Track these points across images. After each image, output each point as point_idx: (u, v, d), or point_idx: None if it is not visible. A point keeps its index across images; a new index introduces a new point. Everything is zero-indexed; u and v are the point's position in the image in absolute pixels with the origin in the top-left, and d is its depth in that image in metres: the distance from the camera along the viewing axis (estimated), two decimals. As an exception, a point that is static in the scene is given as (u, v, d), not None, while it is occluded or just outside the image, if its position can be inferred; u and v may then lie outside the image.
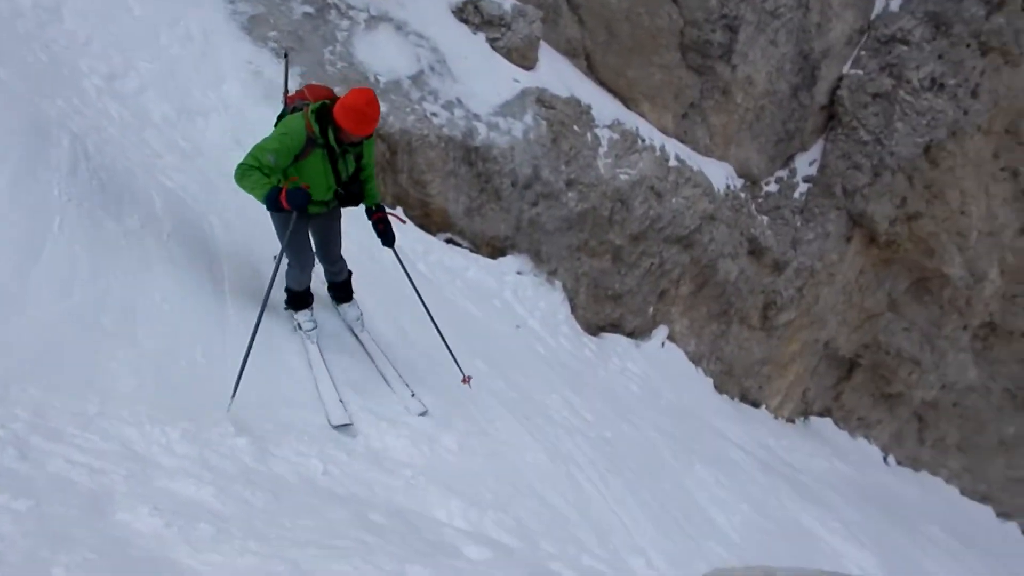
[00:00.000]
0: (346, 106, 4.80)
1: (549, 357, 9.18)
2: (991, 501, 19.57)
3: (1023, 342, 17.51)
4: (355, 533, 3.99)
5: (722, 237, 12.29)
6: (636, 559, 6.02)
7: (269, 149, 4.83)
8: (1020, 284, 16.53)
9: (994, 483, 19.37)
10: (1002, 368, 17.92)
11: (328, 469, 4.68)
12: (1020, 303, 16.90)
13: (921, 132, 13.32)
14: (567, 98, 10.27)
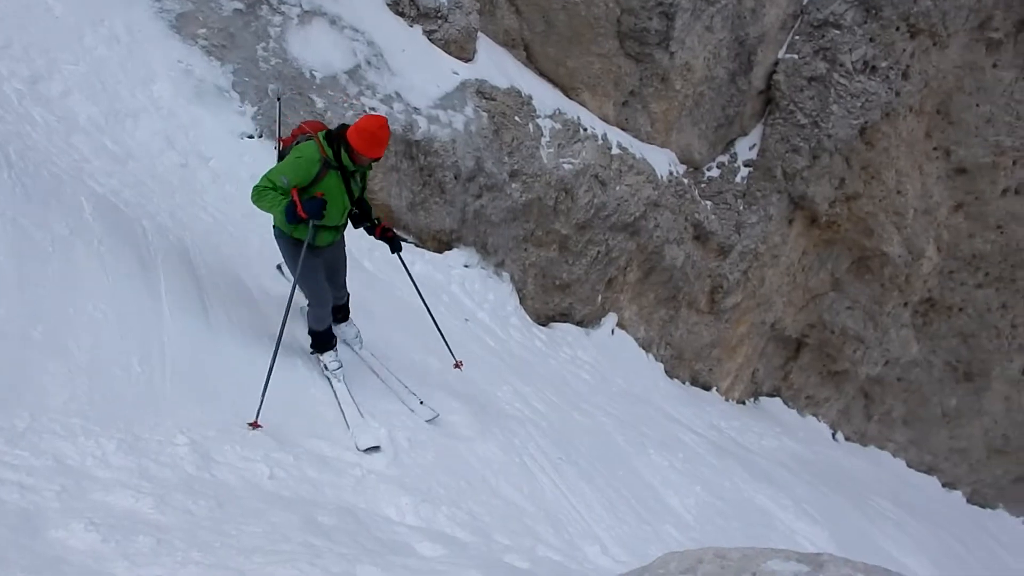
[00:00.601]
0: (360, 129, 5.17)
1: (499, 349, 9.15)
2: (936, 472, 20.14)
3: (961, 316, 18.02)
4: (302, 536, 3.91)
5: (667, 223, 12.38)
6: (591, 546, 6.03)
7: (283, 172, 5.14)
8: (956, 260, 17.00)
9: (939, 454, 19.93)
10: (942, 342, 18.42)
11: (274, 472, 4.59)
12: (957, 279, 17.38)
13: (856, 114, 13.57)
14: (507, 89, 10.23)
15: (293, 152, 5.29)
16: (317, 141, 5.24)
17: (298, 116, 8.32)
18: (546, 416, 8.10)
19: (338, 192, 5.37)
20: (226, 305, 5.89)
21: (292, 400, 5.36)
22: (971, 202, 16.07)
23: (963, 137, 15.04)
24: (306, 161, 5.17)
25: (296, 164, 5.17)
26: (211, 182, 7.43)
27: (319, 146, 5.22)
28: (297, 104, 8.37)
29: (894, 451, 19.27)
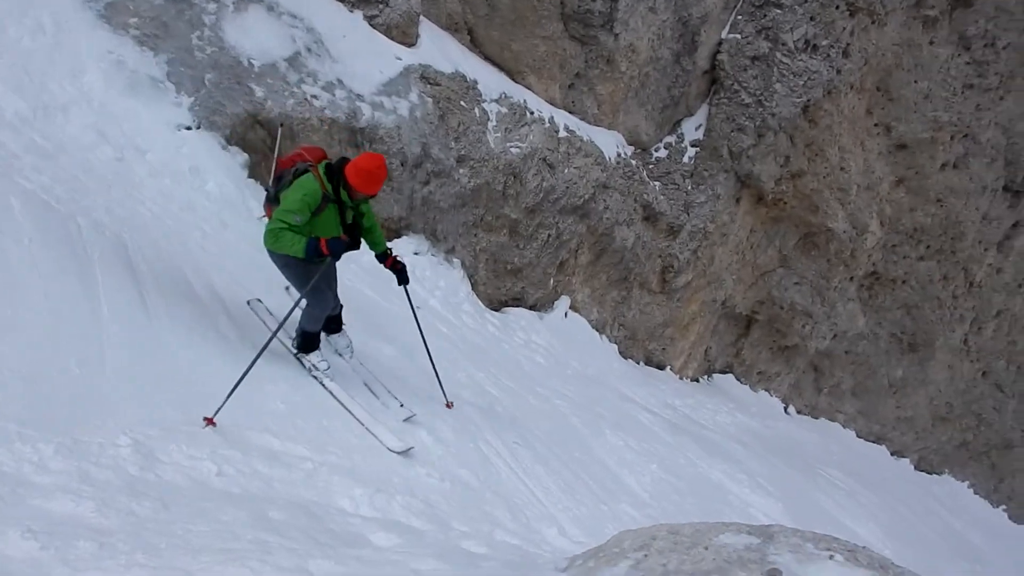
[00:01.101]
0: (359, 168, 5.42)
1: (452, 336, 9.10)
2: (885, 441, 20.64)
3: (904, 289, 18.44)
4: (253, 533, 3.83)
5: (616, 205, 12.42)
6: (549, 528, 6.04)
7: (294, 211, 5.34)
8: (898, 234, 17.37)
9: (887, 424, 20.42)
10: (887, 315, 18.84)
11: (223, 469, 4.49)
12: (900, 252, 17.77)
13: (799, 92, 13.74)
14: (452, 74, 10.13)
15: (297, 188, 5.40)
16: (317, 175, 5.45)
17: (237, 106, 8.15)
18: (501, 401, 8.09)
19: (333, 223, 5.63)
20: (168, 302, 5.73)
21: (241, 396, 5.25)
22: (912, 177, 16.41)
23: (903, 113, 15.34)
24: (311, 197, 5.38)
25: (304, 202, 5.35)
26: (149, 176, 7.22)
27: (319, 181, 5.44)
28: (235, 93, 8.18)
29: (844, 422, 19.70)
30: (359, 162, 5.44)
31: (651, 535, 4.30)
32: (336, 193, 5.51)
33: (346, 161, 5.52)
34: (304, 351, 6.15)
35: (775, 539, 4.05)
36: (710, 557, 3.76)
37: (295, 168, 5.59)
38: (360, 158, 5.49)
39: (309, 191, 5.38)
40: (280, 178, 5.70)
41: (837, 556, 3.79)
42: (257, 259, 7.38)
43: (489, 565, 4.31)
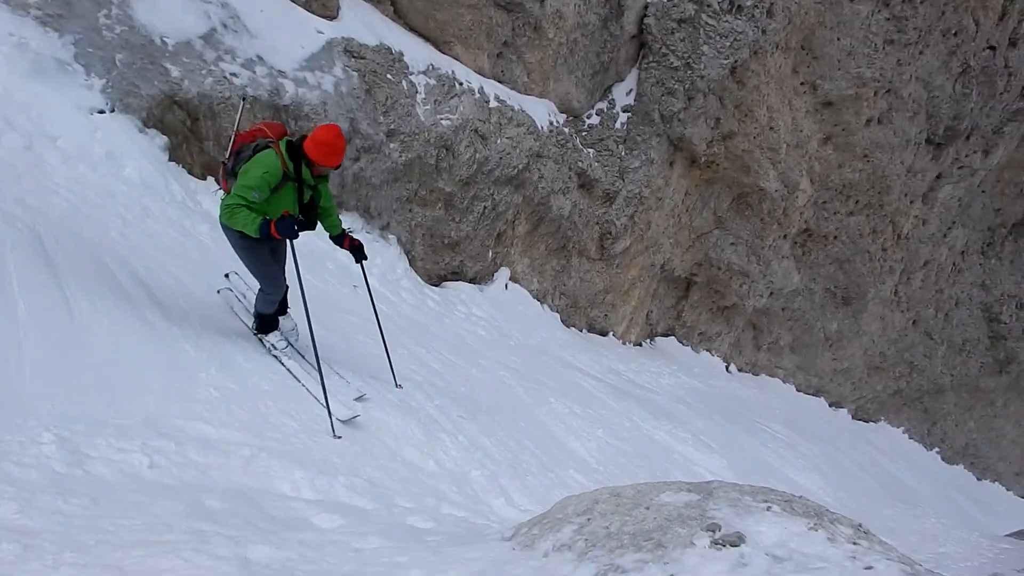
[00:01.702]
0: (317, 141, 5.35)
1: (391, 313, 9.00)
2: (823, 393, 21.22)
3: (836, 244, 18.87)
4: (188, 524, 3.73)
5: (551, 174, 12.39)
6: (496, 499, 6.04)
7: (253, 187, 5.24)
8: (828, 190, 17.72)
9: (824, 376, 20.98)
10: (820, 270, 19.28)
11: (155, 461, 4.36)
12: (830, 208, 18.15)
13: (726, 54, 13.83)
14: (376, 46, 9.93)
15: (258, 164, 5.28)
16: (278, 151, 5.34)
17: (152, 87, 7.87)
18: (443, 376, 8.05)
19: (290, 201, 5.54)
20: (89, 293, 5.52)
21: (170, 385, 5.10)
22: (838, 134, 16.73)
23: (827, 71, 15.58)
24: (271, 174, 5.28)
25: (264, 179, 5.25)
26: (62, 163, 6.92)
27: (280, 157, 5.33)
28: (150, 74, 7.88)
29: (783, 377, 20.18)
30: (316, 135, 5.38)
31: (594, 499, 4.32)
32: (296, 171, 5.45)
33: (304, 137, 5.46)
34: (263, 332, 6.26)
35: (714, 495, 4.10)
36: (651, 517, 3.79)
37: (255, 143, 5.45)
38: (316, 131, 5.42)
39: (270, 167, 5.29)
40: (239, 152, 5.52)
41: (774, 507, 3.86)
42: (185, 244, 7.19)
43: (434, 539, 4.29)
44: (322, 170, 5.57)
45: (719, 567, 3.19)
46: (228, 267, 7.00)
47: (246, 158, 5.42)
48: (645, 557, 3.37)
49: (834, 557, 3.31)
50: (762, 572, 3.13)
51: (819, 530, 3.60)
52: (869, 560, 3.28)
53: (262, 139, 5.46)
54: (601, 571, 3.36)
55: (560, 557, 3.62)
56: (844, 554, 3.34)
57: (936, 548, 11.12)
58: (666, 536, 3.51)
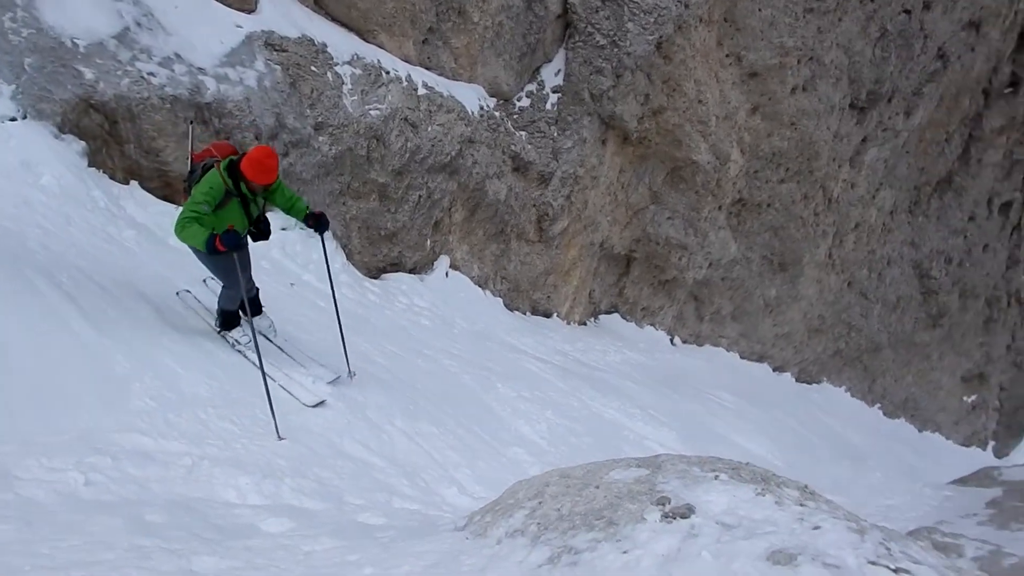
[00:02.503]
0: (250, 160, 5.87)
1: (331, 308, 8.85)
2: (766, 359, 21.64)
3: (769, 212, 19.19)
4: (129, 540, 3.62)
5: (484, 159, 12.33)
6: (448, 489, 6.02)
7: (201, 201, 5.78)
8: (759, 159, 17.99)
9: (766, 342, 21.39)
10: (756, 238, 19.59)
11: (91, 478, 4.22)
12: (762, 177, 18.43)
13: (651, 30, 13.89)
14: (298, 38, 9.72)
15: (204, 183, 5.86)
16: (220, 172, 5.89)
17: (65, 91, 7.58)
18: (388, 368, 7.96)
19: (237, 215, 6.09)
20: (11, 308, 5.29)
21: (101, 397, 4.94)
22: (765, 103, 16.96)
23: (751, 42, 15.77)
24: (214, 191, 5.84)
25: (209, 193, 5.82)
26: (-27, 175, 6.64)
27: (221, 177, 5.88)
28: (62, 77, 7.58)
29: (727, 346, 20.50)
30: (250, 154, 5.92)
31: (544, 482, 4.32)
32: (237, 187, 5.95)
33: (240, 156, 5.99)
34: (226, 328, 6.66)
35: (663, 468, 4.13)
36: (601, 495, 3.80)
37: (203, 163, 6.06)
38: (250, 151, 5.97)
39: (213, 185, 5.84)
40: (192, 172, 6.14)
41: (722, 475, 3.90)
42: (111, 251, 6.96)
43: (387, 535, 4.24)
44: (255, 186, 6.00)
45: (670, 540, 3.21)
46: (155, 272, 6.84)
47: (197, 178, 6.01)
48: (598, 536, 3.37)
49: (782, 520, 3.35)
50: (712, 541, 3.16)
51: (767, 495, 3.64)
52: (816, 520, 3.33)
53: (209, 159, 6.06)
54: (555, 554, 3.35)
55: (513, 543, 3.61)
56: (792, 516, 3.39)
57: (883, 501, 11.45)
58: (617, 513, 3.52)
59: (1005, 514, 9.53)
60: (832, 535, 3.13)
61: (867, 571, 2.81)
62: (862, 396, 25.24)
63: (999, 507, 10.12)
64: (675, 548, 3.14)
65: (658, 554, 3.13)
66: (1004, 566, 6.09)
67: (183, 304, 6.77)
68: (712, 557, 3.03)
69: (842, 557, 2.93)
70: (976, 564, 6.20)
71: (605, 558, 3.18)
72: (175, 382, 5.51)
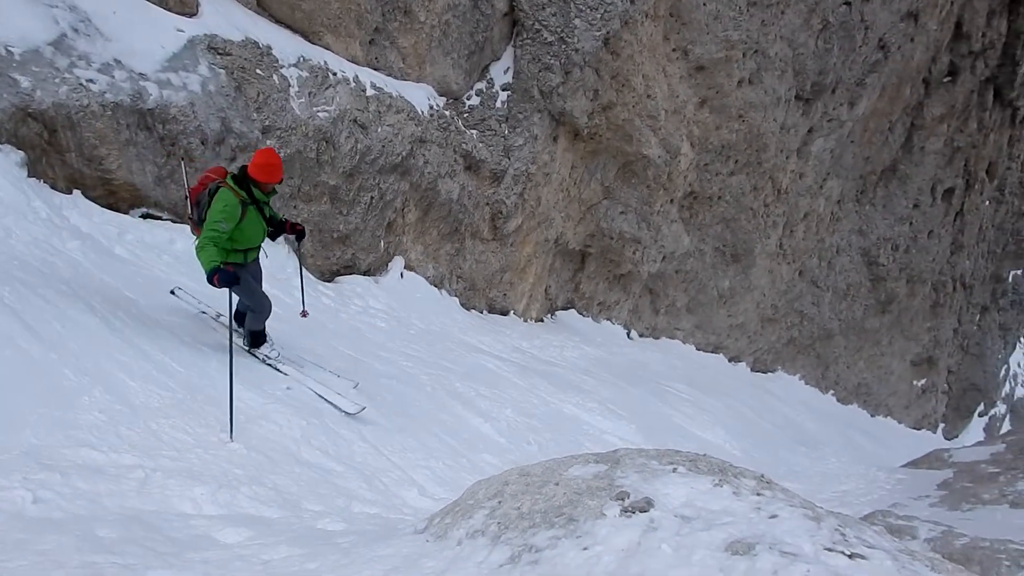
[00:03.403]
0: (258, 165, 6.28)
1: (285, 314, 8.74)
2: (722, 349, 21.92)
3: (720, 204, 19.44)
4: (80, 558, 3.53)
5: (436, 158, 12.28)
6: (408, 491, 5.99)
7: (219, 220, 6.11)
8: (708, 152, 18.20)
9: (721, 333, 21.66)
10: (708, 230, 19.83)
11: (40, 495, 4.11)
12: (712, 170, 18.65)
13: (598, 26, 13.97)
14: (242, 41, 9.57)
15: (218, 202, 6.15)
16: (229, 187, 6.22)
17: (1, 100, 7.36)
18: (345, 371, 7.89)
19: (257, 221, 6.49)
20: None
21: (47, 412, 4.81)
22: (713, 96, 17.17)
23: (696, 36, 15.94)
24: (232, 207, 6.17)
25: (226, 212, 6.14)
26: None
27: (233, 191, 6.21)
28: (-3, 86, 7.37)
29: (683, 338, 20.72)
30: (255, 160, 6.31)
31: (504, 481, 4.32)
32: (250, 195, 6.33)
33: (245, 167, 6.35)
34: (255, 346, 7.07)
35: (621, 463, 4.15)
36: (561, 492, 3.80)
37: (208, 189, 6.30)
38: (255, 157, 6.35)
39: (228, 201, 6.16)
40: (198, 203, 6.39)
41: (680, 468, 3.93)
42: (55, 263, 6.78)
43: (346, 540, 4.20)
44: (268, 187, 6.45)
45: (630, 534, 3.23)
46: (101, 282, 6.69)
47: (206, 204, 6.26)
48: (558, 533, 3.38)
49: (740, 510, 3.39)
50: (672, 534, 3.18)
51: (724, 485, 3.68)
52: (773, 509, 3.37)
53: (212, 184, 6.31)
54: (515, 553, 3.35)
55: (474, 544, 3.60)
56: (749, 506, 3.43)
57: (838, 486, 11.65)
58: (577, 510, 3.52)
59: (956, 495, 9.76)
60: (789, 523, 3.18)
61: (823, 557, 2.86)
62: (816, 383, 25.71)
63: (950, 488, 10.36)
64: (635, 542, 3.16)
65: (618, 549, 3.14)
66: (956, 546, 6.23)
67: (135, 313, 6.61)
68: (672, 550, 3.05)
69: (799, 545, 2.97)
70: (929, 545, 6.34)
71: (566, 555, 3.18)
72: (126, 394, 5.39)
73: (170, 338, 6.50)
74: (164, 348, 6.27)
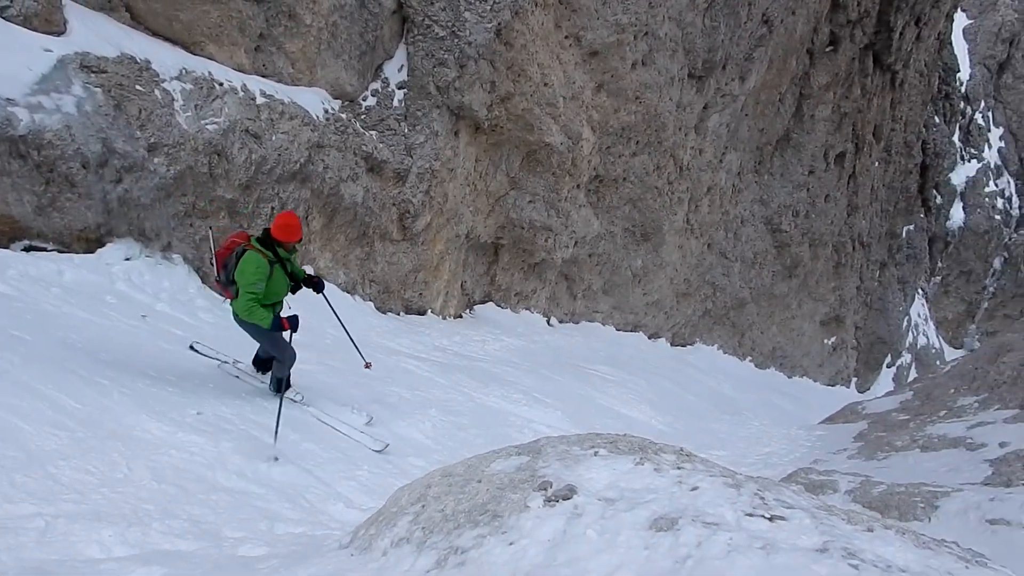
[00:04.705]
0: (279, 227, 6.87)
1: (190, 335, 8.42)
2: (640, 328, 22.23)
3: (626, 185, 19.68)
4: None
5: (336, 163, 12.03)
6: (334, 505, 5.84)
7: (254, 282, 6.68)
8: (609, 135, 18.39)
9: (638, 312, 21.97)
10: (617, 212, 20.06)
11: (-77, 560, 3.81)
12: (615, 152, 18.86)
13: (488, 18, 13.92)
14: (118, 57, 9.14)
15: (249, 264, 6.68)
16: (256, 249, 6.76)
17: None
18: (257, 389, 7.66)
19: (282, 277, 7.07)
20: None
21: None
22: (609, 80, 17.34)
23: (587, 22, 16.05)
24: (263, 267, 6.73)
25: (259, 273, 6.70)
26: None
27: (260, 252, 6.76)
28: None
29: (602, 320, 20.93)
30: (277, 223, 6.89)
31: (426, 484, 4.21)
32: (276, 254, 6.89)
33: (268, 230, 6.90)
34: (279, 391, 7.23)
35: (543, 452, 4.10)
36: (484, 489, 3.73)
37: (235, 252, 6.80)
38: (276, 219, 6.96)
39: (259, 264, 6.71)
40: (226, 266, 6.86)
41: (601, 451, 3.90)
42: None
43: (268, 565, 4.04)
44: (289, 245, 7.00)
45: (555, 524, 3.18)
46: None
47: (234, 267, 6.75)
48: (483, 531, 3.30)
49: (662, 486, 3.38)
50: (596, 518, 3.14)
51: (645, 463, 3.67)
52: (694, 481, 3.37)
53: (238, 247, 6.82)
54: (441, 557, 3.26)
55: (399, 552, 3.50)
56: (671, 481, 3.43)
57: (762, 449, 11.94)
58: (500, 505, 3.46)
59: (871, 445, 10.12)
60: (710, 494, 3.18)
61: (744, 524, 2.86)
62: (733, 351, 26.36)
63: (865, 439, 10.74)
64: (560, 531, 3.11)
65: (544, 540, 3.09)
66: (874, 495, 6.43)
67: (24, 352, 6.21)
68: (597, 534, 3.01)
69: (721, 514, 2.97)
70: (849, 497, 6.53)
71: (492, 553, 3.12)
72: (19, 439, 5.06)
73: (65, 374, 6.14)
74: (59, 385, 5.93)
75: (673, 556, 2.69)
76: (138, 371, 6.83)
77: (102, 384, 6.27)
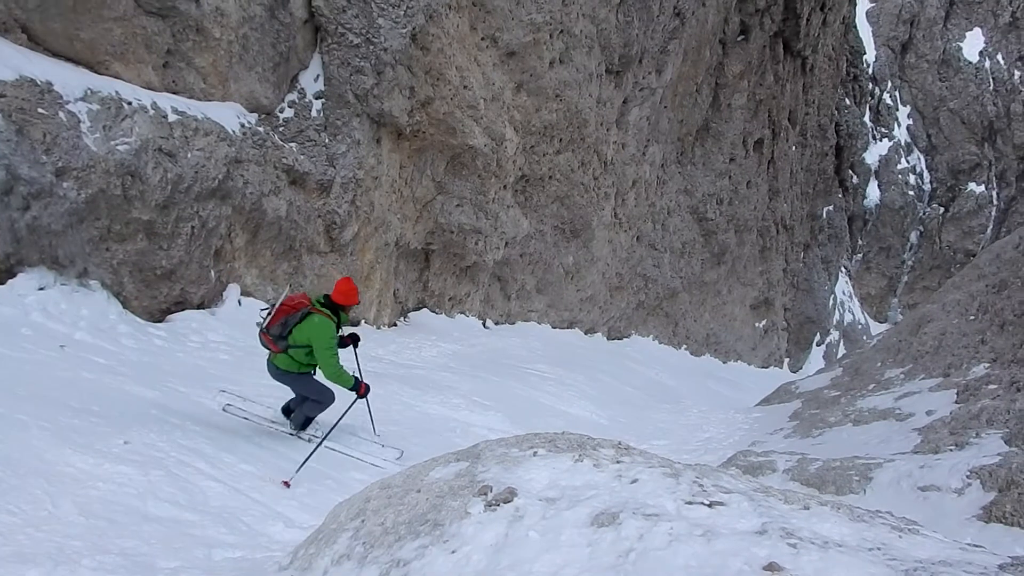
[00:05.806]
0: (342, 292, 7.44)
1: (113, 363, 8.14)
2: (576, 324, 22.38)
3: (552, 183, 19.79)
4: None
5: (256, 177, 11.78)
6: (274, 526, 5.68)
7: (331, 345, 7.28)
8: (532, 135, 18.47)
9: (573, 308, 22.11)
10: (545, 211, 20.15)
11: None
12: (539, 151, 18.95)
13: (402, 23, 13.83)
14: (16, 80, 8.76)
15: (320, 328, 7.21)
16: (324, 314, 7.26)
17: None
18: (189, 414, 7.42)
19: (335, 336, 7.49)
20: None
21: None
22: (528, 80, 17.42)
23: (502, 22, 16.09)
24: (332, 330, 7.30)
25: (331, 337, 7.29)
26: None
27: (327, 316, 7.27)
28: None
29: (537, 319, 21.00)
30: (339, 289, 7.44)
31: (365, 497, 4.13)
32: (336, 317, 7.40)
33: (328, 295, 7.44)
34: (302, 429, 7.93)
35: (482, 457, 4.06)
36: (424, 499, 3.67)
37: (300, 312, 7.21)
38: (337, 286, 7.49)
39: (330, 327, 7.27)
40: (286, 323, 7.21)
41: (539, 451, 3.88)
42: None
43: (205, 595, 3.90)
44: (349, 310, 7.57)
45: (497, 528, 3.14)
46: None
47: (295, 324, 7.20)
48: (424, 542, 3.25)
49: (602, 481, 3.37)
50: (538, 519, 3.12)
51: (584, 460, 3.66)
52: (633, 474, 3.37)
53: (303, 309, 7.24)
54: (383, 571, 3.20)
55: (340, 570, 3.42)
56: (611, 476, 3.42)
57: (701, 435, 12.13)
58: (441, 514, 3.40)
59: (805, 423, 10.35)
60: (650, 485, 3.18)
61: (684, 512, 2.86)
62: (668, 341, 26.75)
63: (800, 418, 10.98)
64: (502, 535, 3.07)
65: (487, 545, 3.05)
66: (811, 471, 6.56)
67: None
68: (539, 535, 2.99)
69: (661, 504, 2.97)
70: (788, 476, 6.65)
71: (435, 563, 3.06)
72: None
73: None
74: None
75: (616, 551, 2.68)
76: (59, 404, 6.55)
77: (20, 420, 5.99)
